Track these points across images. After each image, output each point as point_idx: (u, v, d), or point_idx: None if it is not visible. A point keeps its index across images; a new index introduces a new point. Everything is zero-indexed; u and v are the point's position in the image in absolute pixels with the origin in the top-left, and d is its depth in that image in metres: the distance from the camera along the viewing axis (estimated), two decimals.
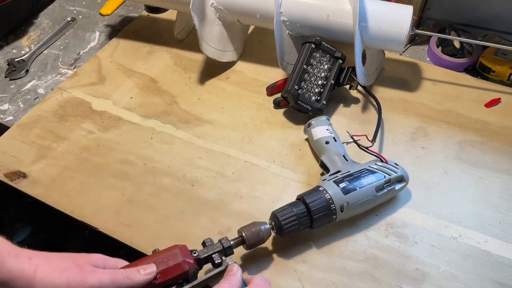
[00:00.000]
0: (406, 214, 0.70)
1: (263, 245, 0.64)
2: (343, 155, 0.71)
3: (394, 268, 0.64)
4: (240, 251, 0.63)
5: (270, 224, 0.63)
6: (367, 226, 0.69)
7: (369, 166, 0.68)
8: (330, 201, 0.63)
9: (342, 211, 0.64)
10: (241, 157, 0.78)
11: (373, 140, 0.73)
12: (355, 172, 0.67)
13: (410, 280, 0.63)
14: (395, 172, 0.68)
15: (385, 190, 0.67)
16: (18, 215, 1.04)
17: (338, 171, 0.68)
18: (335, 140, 0.73)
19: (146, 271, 0.53)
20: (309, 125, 0.77)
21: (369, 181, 0.65)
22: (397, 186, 0.68)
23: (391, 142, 0.79)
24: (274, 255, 0.66)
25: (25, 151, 0.80)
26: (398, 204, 0.71)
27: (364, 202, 0.65)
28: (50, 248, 0.52)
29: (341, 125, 0.82)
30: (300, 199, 0.64)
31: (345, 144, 0.73)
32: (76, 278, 0.47)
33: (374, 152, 0.71)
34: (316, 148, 0.75)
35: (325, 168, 0.71)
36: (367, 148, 0.71)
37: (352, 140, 0.72)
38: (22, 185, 0.76)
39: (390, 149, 0.78)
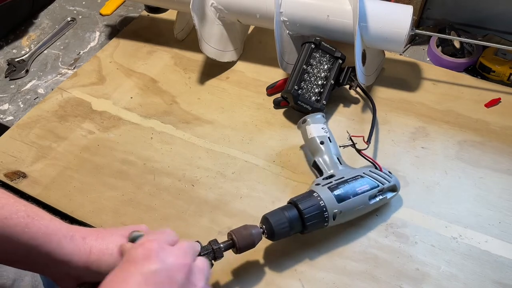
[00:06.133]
0: (406, 214, 0.70)
1: (263, 245, 0.63)
2: (338, 158, 0.70)
3: (394, 268, 0.64)
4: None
5: (261, 227, 0.61)
6: (367, 226, 0.69)
7: (363, 173, 0.66)
8: (324, 209, 0.62)
9: (334, 219, 0.63)
10: (241, 157, 0.78)
11: (368, 142, 0.72)
12: (350, 178, 0.65)
13: (410, 280, 0.63)
14: (388, 181, 0.67)
15: (377, 199, 0.66)
16: None
17: (332, 176, 0.66)
18: (330, 141, 0.71)
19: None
20: (304, 121, 0.74)
21: (363, 189, 0.64)
22: (389, 195, 0.67)
23: (391, 142, 0.79)
24: (274, 255, 0.66)
25: (25, 151, 0.80)
26: (398, 204, 0.71)
27: (356, 210, 0.65)
28: None
29: (340, 125, 0.82)
30: (292, 203, 0.63)
31: (342, 147, 0.71)
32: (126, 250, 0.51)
33: (370, 158, 0.70)
34: (309, 147, 0.73)
35: (318, 169, 0.70)
36: (363, 151, 0.70)
37: (351, 142, 0.70)
38: (22, 185, 0.76)
39: (390, 149, 0.78)
